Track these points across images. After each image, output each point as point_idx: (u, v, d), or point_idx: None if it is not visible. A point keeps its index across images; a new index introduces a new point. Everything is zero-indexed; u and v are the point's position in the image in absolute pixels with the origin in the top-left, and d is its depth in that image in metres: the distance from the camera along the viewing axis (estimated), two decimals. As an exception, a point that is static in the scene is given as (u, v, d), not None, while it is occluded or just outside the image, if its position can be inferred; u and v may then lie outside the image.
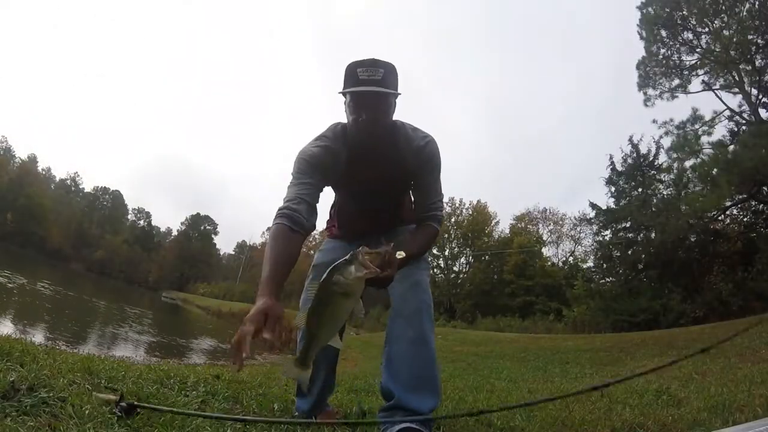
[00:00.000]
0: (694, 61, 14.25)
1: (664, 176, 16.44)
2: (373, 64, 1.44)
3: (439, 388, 1.62)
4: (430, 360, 1.55)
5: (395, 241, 1.42)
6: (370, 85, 1.42)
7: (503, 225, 33.39)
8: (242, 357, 1.07)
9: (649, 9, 14.24)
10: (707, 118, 13.66)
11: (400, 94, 1.52)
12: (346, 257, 1.18)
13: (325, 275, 1.18)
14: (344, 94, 1.49)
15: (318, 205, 1.52)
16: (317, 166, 1.52)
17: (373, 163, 1.60)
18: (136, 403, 1.29)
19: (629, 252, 16.70)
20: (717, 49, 12.84)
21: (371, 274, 1.17)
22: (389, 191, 1.72)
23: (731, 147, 12.26)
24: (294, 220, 1.39)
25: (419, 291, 1.59)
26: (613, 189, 17.85)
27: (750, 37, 12.22)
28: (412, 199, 1.75)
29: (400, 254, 1.36)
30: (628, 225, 16.92)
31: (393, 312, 1.60)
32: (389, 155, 1.59)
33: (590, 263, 23.91)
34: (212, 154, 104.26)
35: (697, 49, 14.03)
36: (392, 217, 1.79)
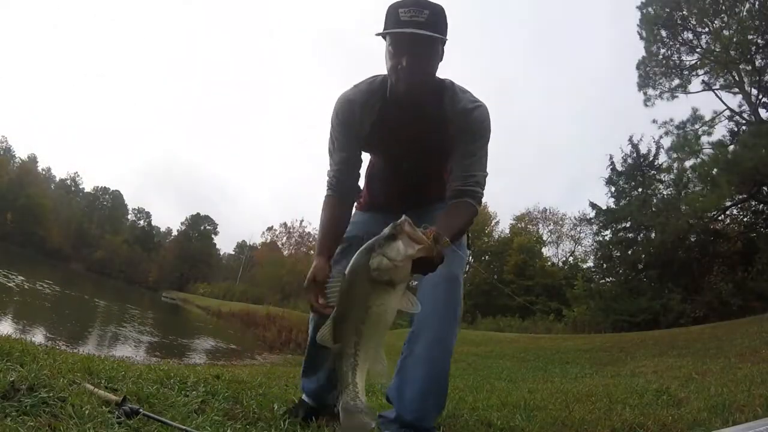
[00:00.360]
0: (694, 61, 14.28)
1: (664, 176, 16.48)
2: (416, 3, 1.25)
3: (444, 401, 1.49)
4: (444, 372, 1.42)
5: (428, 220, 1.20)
6: (413, 27, 1.23)
7: (503, 225, 33.43)
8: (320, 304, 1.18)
9: (649, 9, 14.26)
10: (707, 118, 13.71)
11: (446, 40, 1.32)
12: (386, 231, 0.88)
13: (355, 259, 0.90)
14: (384, 36, 1.30)
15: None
16: (351, 124, 1.44)
17: (411, 122, 1.41)
18: (140, 409, 1.25)
19: (629, 252, 16.72)
20: (717, 49, 12.86)
21: (425, 250, 0.88)
22: (427, 158, 1.51)
23: (731, 147, 12.28)
24: (340, 191, 1.49)
25: (454, 291, 1.39)
26: (613, 189, 17.87)
27: (750, 37, 12.23)
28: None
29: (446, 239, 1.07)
30: (628, 225, 16.93)
31: (419, 314, 1.33)
32: (430, 114, 1.40)
33: (590, 263, 24.01)
34: (212, 154, 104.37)
35: (697, 49, 14.06)
36: (431, 190, 1.56)
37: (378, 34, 1.30)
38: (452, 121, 1.38)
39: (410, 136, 1.44)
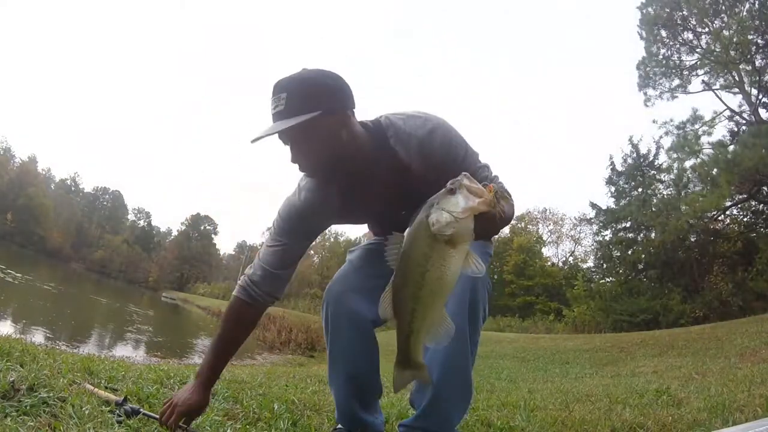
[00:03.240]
0: (694, 61, 14.28)
1: (664, 176, 16.50)
2: (276, 87, 1.09)
3: (468, 399, 1.31)
4: (462, 368, 1.25)
5: None
6: (275, 120, 1.08)
7: (503, 225, 33.36)
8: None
9: (649, 9, 14.27)
10: (707, 118, 13.71)
11: (321, 109, 1.06)
12: (445, 188, 0.82)
13: (415, 217, 0.83)
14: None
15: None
16: (295, 221, 1.27)
17: (374, 192, 1.24)
18: (140, 408, 1.26)
19: (629, 252, 16.73)
20: (717, 49, 12.86)
21: (486, 204, 0.81)
22: (418, 201, 1.31)
23: (731, 147, 12.27)
24: (249, 293, 1.29)
25: (471, 280, 1.16)
26: (613, 189, 17.90)
27: (750, 37, 12.24)
28: None
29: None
30: (628, 225, 16.96)
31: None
32: (390, 171, 1.20)
33: (590, 263, 24.00)
34: (213, 154, 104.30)
35: (697, 49, 14.06)
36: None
37: (254, 141, 1.09)
38: (417, 161, 1.18)
39: (387, 200, 1.26)
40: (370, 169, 1.20)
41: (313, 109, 1.06)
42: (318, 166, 1.16)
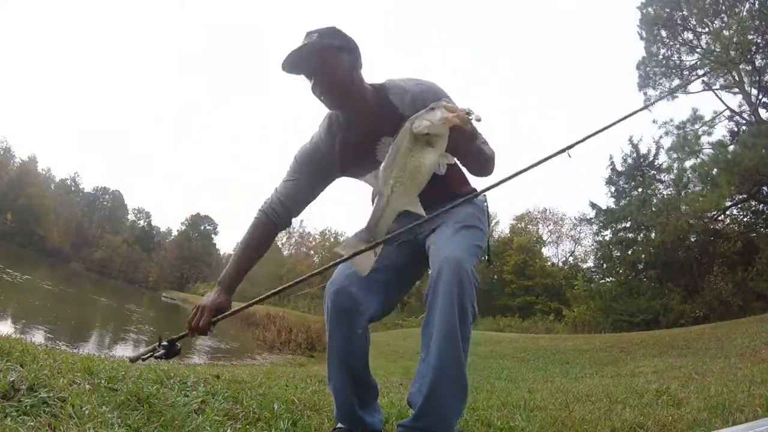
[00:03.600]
0: (694, 61, 14.27)
1: (664, 176, 16.50)
2: (306, 33, 1.33)
3: (462, 398, 1.34)
4: (455, 367, 1.26)
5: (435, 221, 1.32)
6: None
7: (503, 225, 33.42)
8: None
9: (649, 9, 14.27)
10: (707, 118, 13.69)
11: (351, 47, 1.34)
12: (428, 107, 1.08)
13: (405, 125, 1.08)
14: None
15: (313, 199, 1.57)
16: (304, 162, 1.50)
17: (367, 136, 1.34)
18: (173, 341, 1.42)
19: (629, 252, 16.73)
20: (717, 49, 12.85)
21: (460, 118, 1.05)
22: None
23: (731, 147, 12.27)
24: (268, 215, 1.51)
25: (454, 274, 1.23)
26: (613, 189, 17.90)
27: (750, 37, 12.22)
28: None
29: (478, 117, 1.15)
30: (628, 225, 16.96)
31: (427, 309, 1.29)
32: (387, 120, 1.34)
33: (590, 263, 24.01)
34: (213, 153, 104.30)
35: (697, 49, 14.06)
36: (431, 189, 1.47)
37: (285, 61, 1.32)
38: (410, 113, 1.27)
39: (385, 153, 1.38)
40: (373, 121, 1.39)
41: (337, 42, 1.33)
42: (335, 96, 1.36)
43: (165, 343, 1.40)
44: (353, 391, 1.44)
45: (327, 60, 1.32)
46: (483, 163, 1.40)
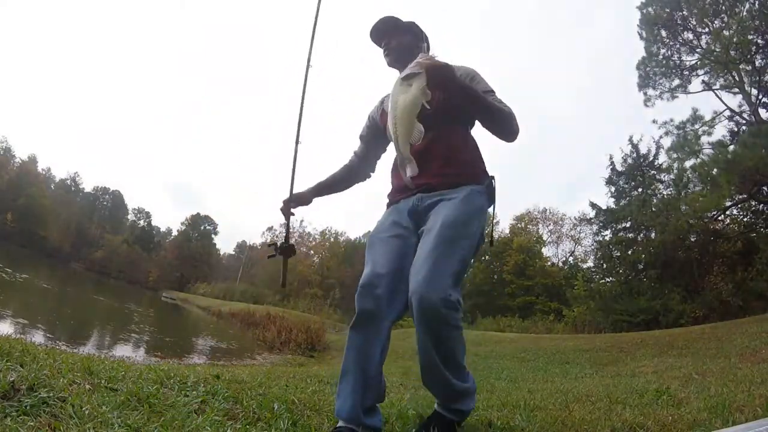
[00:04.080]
0: (694, 61, 14.27)
1: (664, 176, 16.49)
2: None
3: (447, 380, 1.47)
4: (439, 350, 1.41)
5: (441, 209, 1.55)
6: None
7: (503, 225, 33.44)
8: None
9: (649, 9, 14.26)
10: (707, 118, 13.68)
11: (414, 25, 1.77)
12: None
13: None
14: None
15: (382, 154, 1.94)
16: (369, 122, 1.90)
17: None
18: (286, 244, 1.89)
19: (629, 252, 16.72)
20: (717, 49, 12.84)
21: (429, 60, 1.39)
22: (430, 121, 1.50)
23: (731, 147, 12.25)
24: (350, 159, 1.97)
25: (443, 259, 1.41)
26: (613, 189, 17.90)
27: (750, 37, 12.21)
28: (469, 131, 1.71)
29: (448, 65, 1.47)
30: (628, 225, 16.95)
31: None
32: None
33: (590, 263, 24.00)
34: (213, 153, 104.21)
35: (697, 49, 14.04)
36: (444, 157, 1.60)
37: (374, 27, 1.78)
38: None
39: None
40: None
41: (408, 26, 1.78)
42: (399, 57, 1.72)
43: (278, 244, 1.88)
44: (361, 392, 1.45)
45: (397, 32, 1.76)
46: (499, 120, 1.57)
